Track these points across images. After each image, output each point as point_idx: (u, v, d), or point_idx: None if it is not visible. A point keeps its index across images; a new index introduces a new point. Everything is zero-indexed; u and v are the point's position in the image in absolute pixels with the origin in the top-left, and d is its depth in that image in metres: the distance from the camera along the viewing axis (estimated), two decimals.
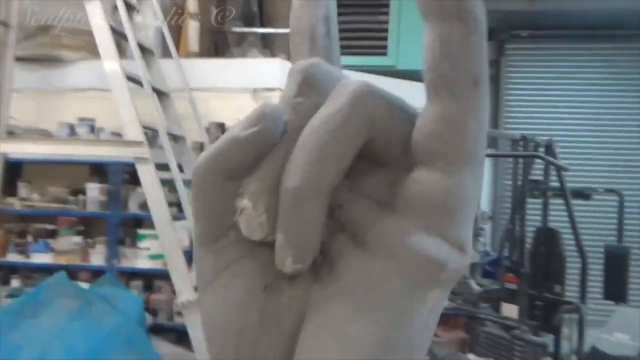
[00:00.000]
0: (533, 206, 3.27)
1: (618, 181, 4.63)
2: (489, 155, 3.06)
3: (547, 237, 3.22)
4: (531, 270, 3.07)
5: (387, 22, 3.75)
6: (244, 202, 0.17)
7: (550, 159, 2.65)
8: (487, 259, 4.28)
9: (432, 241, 0.17)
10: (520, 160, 3.02)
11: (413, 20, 3.52)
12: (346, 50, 3.46)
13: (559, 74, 5.28)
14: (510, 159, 3.24)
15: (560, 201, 3.30)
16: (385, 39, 3.73)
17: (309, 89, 0.18)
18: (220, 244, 0.19)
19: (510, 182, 3.66)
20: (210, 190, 0.18)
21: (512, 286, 2.92)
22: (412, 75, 3.27)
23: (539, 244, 3.20)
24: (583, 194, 3.38)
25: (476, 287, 3.65)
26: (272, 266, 0.18)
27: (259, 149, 0.18)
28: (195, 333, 2.28)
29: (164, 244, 2.40)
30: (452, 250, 0.17)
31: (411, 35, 3.56)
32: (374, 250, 0.17)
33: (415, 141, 0.17)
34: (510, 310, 2.88)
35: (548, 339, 2.97)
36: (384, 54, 3.74)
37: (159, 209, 2.36)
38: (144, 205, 2.93)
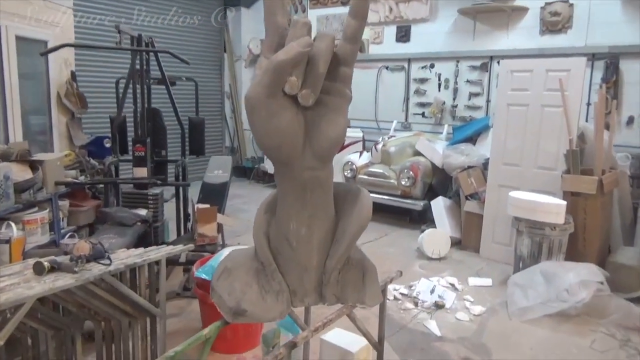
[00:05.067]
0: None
1: (193, 71, 6.11)
2: (129, 49, 3.66)
3: (153, 114, 4.24)
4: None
5: None
6: (292, 78, 0.46)
7: (178, 55, 3.57)
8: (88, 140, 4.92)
9: (348, 90, 0.54)
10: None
11: None
12: None
13: None
14: (129, 53, 3.90)
15: (158, 87, 4.36)
16: None
17: (309, 32, 0.49)
18: (278, 96, 0.47)
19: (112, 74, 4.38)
20: (284, 71, 0.44)
21: (141, 154, 3.81)
22: None
23: (148, 120, 4.18)
24: (171, 82, 4.50)
25: (95, 163, 4.37)
26: (296, 104, 0.49)
27: (306, 56, 0.47)
28: None
29: None
30: (350, 93, 0.55)
31: None
32: (335, 96, 0.53)
33: (342, 57, 0.52)
34: (141, 172, 3.81)
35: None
36: None
37: None
38: None
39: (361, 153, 5.98)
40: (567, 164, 3.92)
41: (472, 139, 5.40)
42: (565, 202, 3.62)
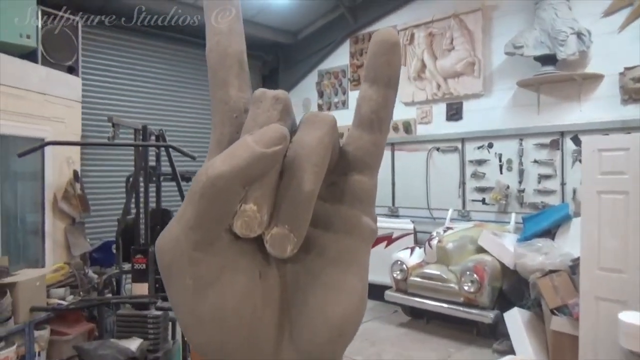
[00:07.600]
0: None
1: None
2: (124, 145, 3.14)
3: (162, 216, 3.62)
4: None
5: None
6: (249, 206, 0.20)
7: (182, 149, 3.00)
8: (93, 247, 4.34)
9: (368, 219, 0.23)
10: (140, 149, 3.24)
11: None
12: None
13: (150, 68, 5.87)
14: (132, 148, 3.39)
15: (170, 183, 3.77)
16: None
17: (287, 115, 0.22)
18: (216, 246, 0.20)
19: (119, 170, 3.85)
20: (225, 197, 0.19)
21: (142, 266, 3.13)
22: None
23: (155, 223, 3.55)
24: (186, 177, 3.93)
25: (94, 276, 3.71)
26: (260, 256, 0.21)
27: (276, 164, 0.20)
28: None
29: None
30: (374, 223, 0.24)
31: None
32: (339, 232, 0.22)
33: (353, 156, 0.23)
34: (141, 288, 3.11)
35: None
36: None
37: None
38: None
39: (412, 249, 5.08)
40: None
41: (549, 232, 4.41)
42: None
